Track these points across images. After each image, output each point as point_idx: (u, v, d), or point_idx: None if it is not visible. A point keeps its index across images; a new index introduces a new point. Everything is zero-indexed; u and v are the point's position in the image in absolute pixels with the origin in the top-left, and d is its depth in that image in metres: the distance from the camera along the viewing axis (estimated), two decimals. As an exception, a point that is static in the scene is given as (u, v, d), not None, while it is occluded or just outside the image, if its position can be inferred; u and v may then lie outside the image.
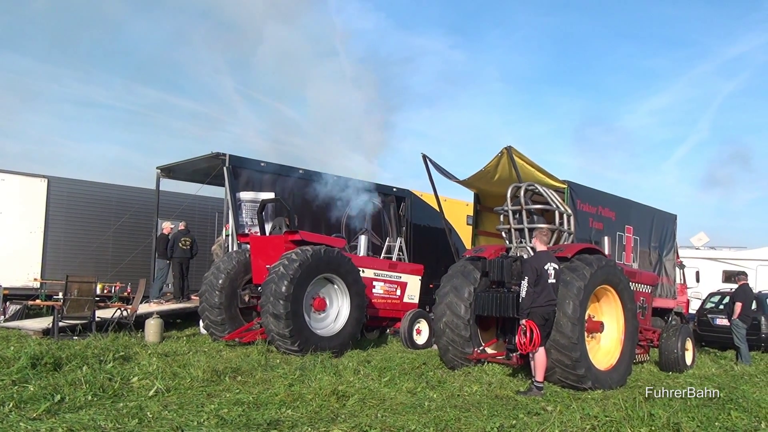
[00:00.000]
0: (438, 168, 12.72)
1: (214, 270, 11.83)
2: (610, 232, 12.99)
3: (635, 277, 11.17)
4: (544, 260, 8.10)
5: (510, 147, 11.24)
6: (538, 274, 7.95)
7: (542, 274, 7.96)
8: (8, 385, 6.67)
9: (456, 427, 5.79)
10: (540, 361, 7.94)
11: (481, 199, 14.20)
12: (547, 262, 8.06)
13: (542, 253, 8.28)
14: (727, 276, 21.63)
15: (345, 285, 11.12)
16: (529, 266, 8.11)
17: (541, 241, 8.39)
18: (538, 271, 7.97)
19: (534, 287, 7.91)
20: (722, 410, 6.90)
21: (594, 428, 5.88)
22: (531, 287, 7.92)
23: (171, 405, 6.32)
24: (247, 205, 14.05)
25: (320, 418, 6.01)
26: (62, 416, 5.56)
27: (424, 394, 7.47)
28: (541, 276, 7.95)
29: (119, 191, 17.39)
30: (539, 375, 7.91)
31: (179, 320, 14.72)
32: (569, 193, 11.98)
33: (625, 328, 9.22)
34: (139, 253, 16.46)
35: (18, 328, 12.10)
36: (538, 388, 7.81)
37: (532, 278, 7.94)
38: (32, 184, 15.71)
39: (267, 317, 10.09)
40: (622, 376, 8.94)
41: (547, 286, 7.94)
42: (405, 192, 17.67)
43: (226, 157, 13.72)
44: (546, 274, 7.96)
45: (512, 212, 9.83)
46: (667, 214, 15.93)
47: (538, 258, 8.21)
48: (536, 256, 8.29)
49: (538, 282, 7.93)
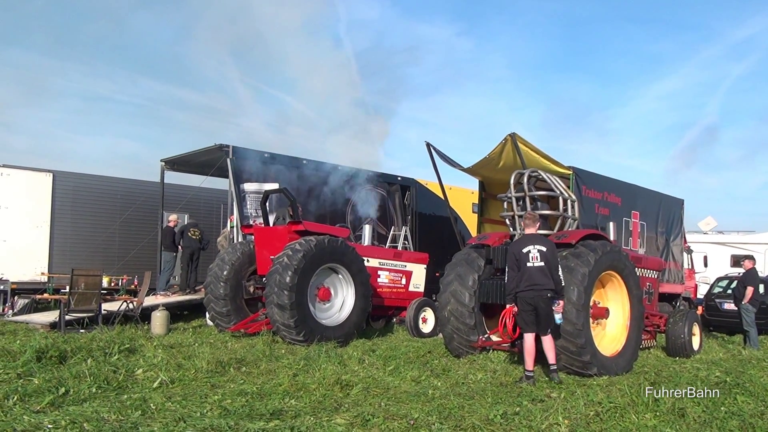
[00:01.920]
0: (442, 156, 12.63)
1: (219, 261, 11.84)
2: (617, 218, 12.90)
3: (641, 262, 11.11)
4: (525, 243, 7.91)
5: (514, 134, 11.15)
6: (517, 258, 7.80)
7: (521, 257, 7.77)
8: (13, 378, 6.69)
9: (459, 414, 5.77)
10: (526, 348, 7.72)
11: (486, 186, 14.11)
12: (528, 245, 7.83)
13: (526, 236, 8.11)
14: (735, 260, 21.48)
15: (349, 274, 11.11)
16: (509, 251, 8.02)
17: (526, 225, 8.24)
18: (516, 255, 7.82)
19: (516, 272, 7.79)
20: (728, 395, 6.85)
21: (598, 414, 5.85)
22: (512, 272, 7.83)
23: (175, 396, 6.34)
24: (252, 196, 14.03)
25: (323, 408, 6.01)
26: (66, 409, 5.58)
27: (428, 383, 7.47)
28: (520, 260, 7.78)
29: (124, 184, 17.44)
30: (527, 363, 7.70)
31: (186, 312, 14.77)
32: (574, 179, 11.89)
33: (630, 314, 9.16)
34: (145, 246, 16.52)
35: (26, 321, 12.20)
36: (528, 377, 7.58)
37: (512, 263, 7.84)
38: (38, 179, 15.76)
39: (272, 308, 10.11)
40: (628, 362, 8.89)
41: (527, 270, 7.71)
42: (410, 181, 17.61)
43: (229, 148, 13.70)
44: (525, 258, 7.74)
45: (516, 199, 9.77)
46: (674, 198, 15.81)
47: (519, 242, 8.09)
48: (517, 240, 8.17)
49: (519, 266, 7.78)
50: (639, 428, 5.55)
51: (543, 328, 7.73)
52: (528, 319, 7.73)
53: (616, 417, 5.83)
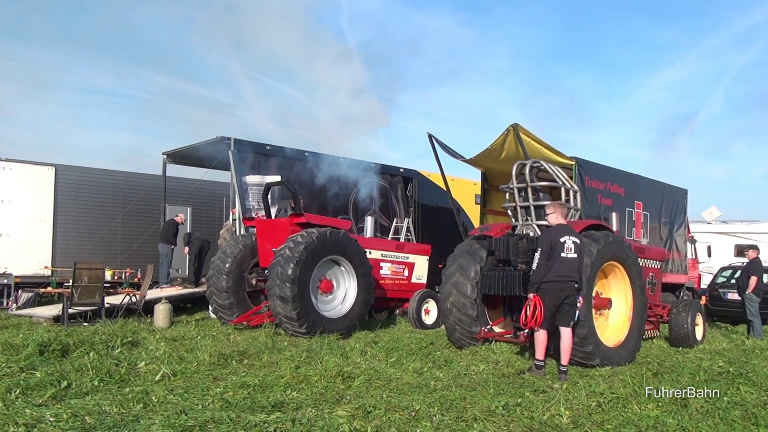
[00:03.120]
0: (444, 147, 12.59)
1: (221, 254, 11.85)
2: (620, 208, 12.85)
3: (644, 252, 11.07)
4: (561, 233, 7.60)
5: (516, 124, 11.10)
6: (552, 247, 7.49)
7: (557, 246, 7.47)
8: (16, 372, 6.71)
9: (461, 406, 5.77)
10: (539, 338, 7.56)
11: (488, 177, 14.07)
12: (564, 236, 7.55)
13: (560, 226, 7.78)
14: (739, 250, 21.41)
15: (351, 266, 11.11)
16: (545, 238, 7.63)
17: (560, 214, 7.89)
18: (553, 244, 7.50)
19: (546, 260, 7.50)
20: (731, 385, 6.83)
21: (600, 405, 5.84)
22: (543, 260, 7.48)
23: (177, 389, 6.34)
24: (254, 188, 14.02)
25: (325, 400, 6.01)
26: (68, 402, 5.59)
27: (430, 374, 7.47)
28: (555, 249, 7.48)
29: (126, 178, 17.46)
30: (539, 353, 7.59)
31: (189, 305, 14.79)
32: (577, 170, 11.83)
33: (633, 305, 9.14)
34: (148, 239, 16.54)
35: (29, 315, 12.22)
36: (538, 367, 7.53)
37: (546, 251, 7.48)
38: (40, 173, 15.80)
39: (274, 300, 10.11)
40: (631, 352, 8.87)
41: (563, 262, 7.44)
42: (412, 172, 17.58)
43: (231, 141, 13.68)
44: (560, 248, 7.46)
45: (518, 190, 9.73)
46: (678, 188, 15.74)
47: (555, 231, 7.70)
48: (553, 229, 7.77)
49: (551, 255, 7.49)
50: (641, 419, 5.53)
51: (565, 322, 7.53)
52: (548, 312, 7.47)
53: (618, 407, 5.81)
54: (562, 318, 7.52)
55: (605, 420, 5.52)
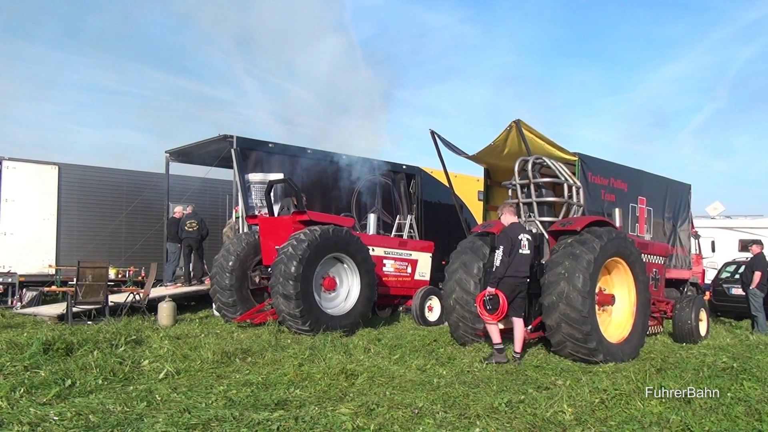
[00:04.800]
0: (447, 144, 12.57)
1: (224, 252, 11.87)
2: (623, 204, 12.83)
3: (647, 248, 11.04)
4: (518, 231, 8.27)
5: (519, 120, 11.07)
6: (513, 244, 8.07)
7: (516, 244, 8.08)
8: (20, 370, 6.74)
9: (464, 403, 5.78)
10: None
11: (491, 174, 14.05)
12: (520, 233, 8.22)
13: (516, 224, 8.46)
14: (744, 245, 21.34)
15: (354, 264, 11.11)
16: (505, 236, 8.20)
17: (510, 213, 8.58)
18: (513, 241, 8.09)
19: (508, 257, 8.01)
20: (735, 380, 6.82)
21: (603, 402, 5.84)
22: (506, 257, 8.01)
23: (180, 387, 6.37)
24: (257, 186, 14.02)
25: (328, 397, 6.03)
26: (72, 400, 5.61)
27: (433, 371, 7.47)
28: (514, 246, 8.06)
29: (130, 176, 17.45)
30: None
31: (193, 303, 14.83)
32: (580, 166, 11.82)
33: (636, 300, 9.13)
34: (151, 237, 16.54)
35: (34, 314, 12.26)
36: (499, 351, 8.04)
37: (507, 247, 8.04)
38: (44, 172, 15.80)
39: (277, 298, 10.12)
40: (635, 348, 8.86)
41: (520, 258, 8.07)
42: (415, 169, 17.55)
43: (233, 138, 13.67)
44: (519, 245, 8.08)
45: (520, 186, 9.71)
46: (681, 184, 15.71)
47: (513, 229, 8.33)
48: (512, 227, 8.38)
49: (511, 252, 8.04)
50: (644, 415, 5.53)
51: (518, 313, 8.21)
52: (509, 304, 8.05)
53: (622, 404, 5.82)
54: (516, 309, 8.16)
55: (608, 416, 5.52)
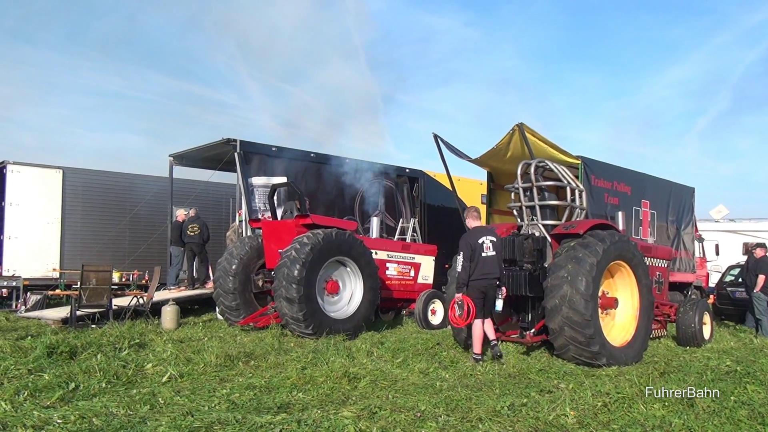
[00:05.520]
0: (450, 147, 12.58)
1: (227, 256, 11.89)
2: (626, 207, 12.83)
3: (650, 251, 11.03)
4: (479, 235, 8.41)
5: (521, 124, 11.08)
6: (473, 249, 8.24)
7: (476, 248, 8.24)
8: (24, 374, 6.77)
9: (467, 406, 5.77)
10: (476, 333, 8.33)
11: (494, 177, 14.06)
12: (481, 236, 8.37)
13: (477, 228, 8.63)
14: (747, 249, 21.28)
15: (357, 267, 11.12)
16: (464, 242, 8.36)
17: (472, 218, 8.74)
18: (472, 246, 8.26)
19: (470, 262, 8.19)
20: (738, 384, 6.80)
21: (606, 405, 5.83)
22: (466, 262, 8.20)
23: (183, 390, 6.38)
24: (260, 190, 14.04)
25: (331, 401, 6.03)
26: (75, 404, 5.63)
27: (436, 375, 7.47)
28: (475, 250, 8.23)
29: (133, 180, 17.51)
30: (477, 347, 8.32)
31: (197, 306, 14.85)
32: (583, 169, 11.83)
33: (640, 304, 9.11)
34: (155, 241, 16.60)
35: (38, 317, 12.29)
36: (476, 360, 8.18)
37: (467, 253, 8.23)
38: (48, 176, 15.87)
39: (280, 301, 10.13)
40: (638, 352, 8.85)
41: (482, 260, 8.22)
42: (418, 172, 17.56)
43: (237, 142, 13.70)
44: (480, 248, 8.24)
45: (523, 190, 9.72)
46: (685, 187, 15.69)
47: (473, 233, 8.49)
48: (470, 232, 8.55)
49: (472, 257, 8.20)
50: (647, 419, 5.52)
51: (488, 313, 8.39)
52: (479, 306, 8.24)
53: (624, 407, 5.80)
54: (486, 311, 8.37)
55: (611, 420, 5.51)
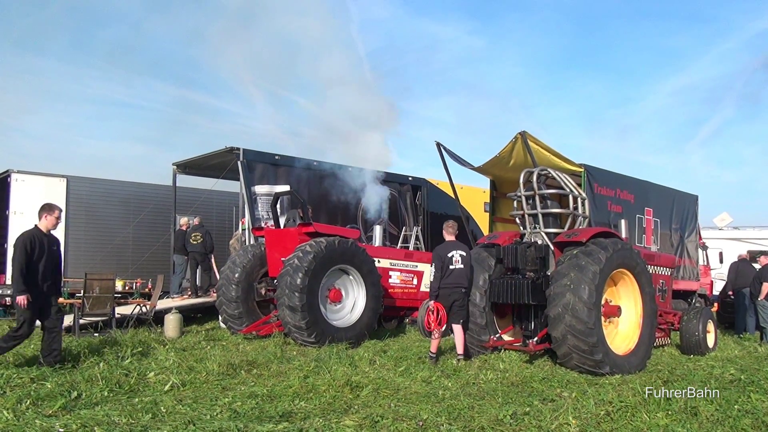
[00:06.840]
0: (452, 155, 12.61)
1: (230, 264, 11.90)
2: (629, 215, 12.80)
3: (653, 259, 11.01)
4: (449, 249, 9.03)
5: (524, 132, 11.10)
6: (443, 261, 8.92)
7: (446, 261, 8.90)
8: (26, 382, 6.76)
9: (469, 415, 5.76)
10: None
11: (497, 185, 14.07)
12: (452, 251, 9.00)
13: (449, 242, 9.19)
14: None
15: (360, 275, 11.12)
16: (436, 254, 9.06)
17: (447, 233, 9.31)
18: (442, 258, 8.94)
19: (440, 273, 8.90)
20: (742, 393, 6.77)
21: (609, 414, 5.80)
22: (438, 272, 8.92)
23: (185, 399, 6.37)
24: (263, 198, 14.09)
25: (333, 410, 6.02)
26: (77, 412, 5.62)
27: (438, 383, 7.44)
28: (444, 262, 8.90)
29: (137, 188, 17.55)
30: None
31: (200, 315, 14.85)
32: (586, 177, 11.81)
33: (643, 312, 9.09)
34: (158, 249, 16.62)
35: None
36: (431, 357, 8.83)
37: (438, 264, 8.94)
38: (51, 184, 15.90)
39: (283, 309, 10.14)
40: (641, 360, 8.82)
41: (452, 272, 8.89)
42: (421, 181, 17.59)
43: (240, 151, 13.75)
44: (449, 261, 8.90)
45: (525, 198, 9.72)
46: (688, 195, 15.65)
47: (444, 247, 9.12)
48: (443, 246, 9.16)
49: (444, 269, 8.89)
50: (650, 427, 5.49)
51: (456, 320, 8.96)
52: (450, 313, 8.93)
53: (627, 416, 5.78)
54: (454, 317, 8.95)
55: (614, 429, 5.49)
